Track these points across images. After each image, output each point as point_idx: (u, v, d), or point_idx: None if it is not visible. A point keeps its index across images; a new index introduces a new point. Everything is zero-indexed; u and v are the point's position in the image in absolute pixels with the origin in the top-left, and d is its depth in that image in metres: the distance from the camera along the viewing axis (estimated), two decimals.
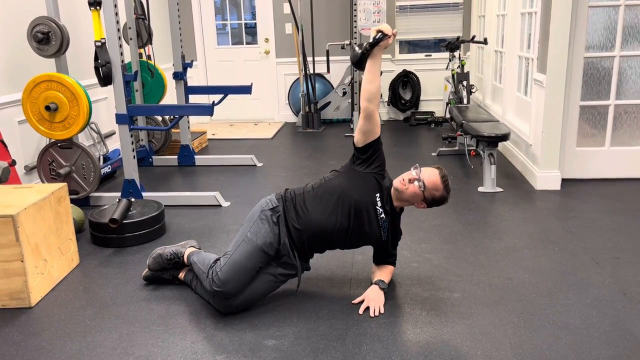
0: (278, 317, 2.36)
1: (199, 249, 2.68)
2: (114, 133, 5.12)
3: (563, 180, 4.04)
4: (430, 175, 2.38)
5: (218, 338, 2.22)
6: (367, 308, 2.39)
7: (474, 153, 4.34)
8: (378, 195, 2.40)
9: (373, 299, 2.41)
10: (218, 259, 2.39)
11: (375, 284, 2.49)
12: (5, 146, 3.62)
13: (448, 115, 5.88)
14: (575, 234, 3.18)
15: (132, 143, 3.79)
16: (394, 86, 6.89)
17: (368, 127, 2.36)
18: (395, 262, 2.64)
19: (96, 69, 3.59)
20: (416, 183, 2.36)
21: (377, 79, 2.34)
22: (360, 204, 2.38)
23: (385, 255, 2.59)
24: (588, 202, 3.69)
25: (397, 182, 2.40)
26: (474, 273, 2.72)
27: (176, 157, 5.09)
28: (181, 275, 2.64)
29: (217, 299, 2.36)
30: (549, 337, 2.15)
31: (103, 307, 2.49)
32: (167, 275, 2.66)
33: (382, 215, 2.41)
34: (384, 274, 2.55)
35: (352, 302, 2.45)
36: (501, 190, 4.00)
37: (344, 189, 2.40)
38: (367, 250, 2.65)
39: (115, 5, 3.54)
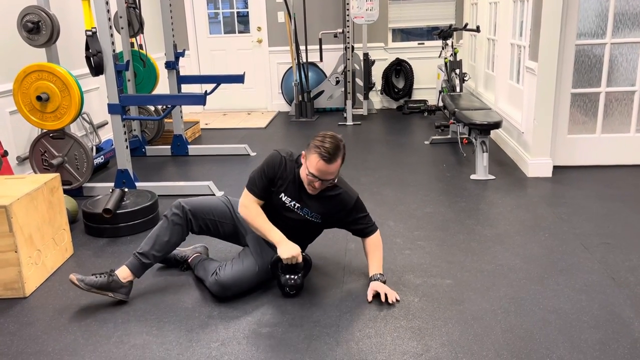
0: (272, 305, 2.38)
1: (206, 255, 2.76)
2: (107, 123, 5.10)
3: (554, 167, 4.07)
4: (322, 168, 2.28)
5: (212, 326, 2.24)
6: (377, 295, 2.39)
7: (466, 141, 4.35)
8: (282, 195, 2.43)
9: (388, 291, 2.39)
10: (223, 264, 2.48)
11: (376, 279, 2.44)
12: None
13: (441, 104, 5.88)
14: (565, 220, 3.21)
15: (125, 133, 3.78)
16: (387, 75, 6.89)
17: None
18: (374, 229, 2.55)
19: (87, 58, 3.57)
20: (322, 184, 2.34)
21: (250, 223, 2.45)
22: (272, 205, 2.47)
23: (357, 232, 2.55)
24: (579, 189, 3.72)
25: (308, 188, 2.39)
26: (466, 260, 2.75)
27: (169, 147, 5.08)
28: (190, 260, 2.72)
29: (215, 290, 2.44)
30: (539, 321, 2.19)
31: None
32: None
33: (297, 204, 2.44)
34: (376, 261, 2.52)
35: (368, 301, 2.39)
36: (493, 177, 4.03)
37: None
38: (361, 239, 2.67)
39: None
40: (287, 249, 2.34)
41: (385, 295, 2.37)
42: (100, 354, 2.08)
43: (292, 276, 2.40)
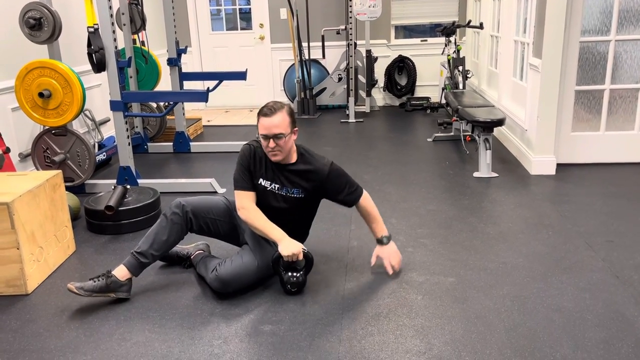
0: (274, 303, 2.38)
1: (208, 252, 2.75)
2: (109, 120, 5.10)
3: (558, 165, 4.05)
4: (265, 123, 2.37)
5: (215, 323, 2.24)
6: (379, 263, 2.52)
7: (469, 138, 4.35)
8: (261, 180, 2.48)
9: (392, 256, 2.54)
10: (223, 261, 2.47)
11: (382, 243, 2.58)
12: None
13: (444, 101, 5.87)
14: (569, 218, 3.19)
15: (127, 130, 3.78)
16: (390, 72, 6.86)
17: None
18: (360, 193, 2.55)
19: (89, 55, 3.57)
20: (274, 142, 2.37)
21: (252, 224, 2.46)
22: (259, 192, 2.50)
23: (344, 202, 2.56)
24: (582, 187, 3.71)
25: (270, 157, 2.43)
26: (469, 257, 2.74)
27: (171, 143, 5.07)
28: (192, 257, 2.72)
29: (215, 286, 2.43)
30: (543, 320, 2.18)
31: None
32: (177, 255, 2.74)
33: (276, 185, 2.48)
34: (378, 224, 2.59)
35: (371, 265, 2.57)
36: (496, 175, 4.01)
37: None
38: (364, 236, 2.67)
39: None
40: (288, 246, 2.34)
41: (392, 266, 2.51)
42: (102, 351, 2.08)
43: (294, 274, 2.39)
